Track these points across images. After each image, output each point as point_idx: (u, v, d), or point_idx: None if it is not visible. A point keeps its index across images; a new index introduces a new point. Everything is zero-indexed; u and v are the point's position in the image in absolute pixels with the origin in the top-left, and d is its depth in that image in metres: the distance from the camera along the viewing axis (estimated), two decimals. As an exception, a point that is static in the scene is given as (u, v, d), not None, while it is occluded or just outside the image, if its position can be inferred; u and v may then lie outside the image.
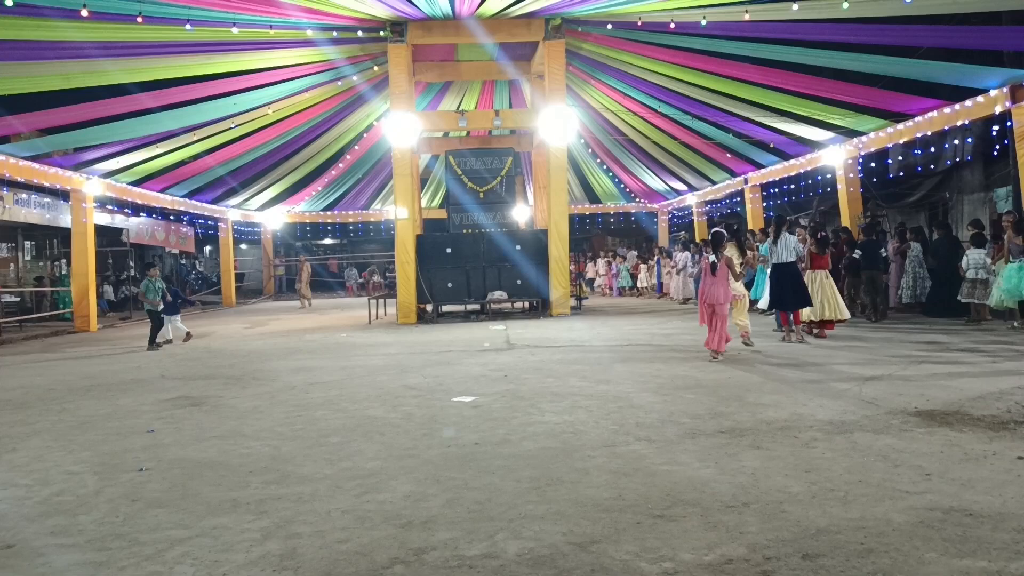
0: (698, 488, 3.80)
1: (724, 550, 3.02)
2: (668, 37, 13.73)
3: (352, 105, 18.82)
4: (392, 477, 4.22)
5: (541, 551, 3.08)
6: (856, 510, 3.41)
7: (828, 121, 15.67)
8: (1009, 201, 16.95)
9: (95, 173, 17.23)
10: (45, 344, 14.22)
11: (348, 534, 3.36)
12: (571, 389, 6.78)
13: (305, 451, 4.89)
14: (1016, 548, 2.93)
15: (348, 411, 6.18)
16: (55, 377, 9.03)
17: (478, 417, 5.73)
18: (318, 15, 13.07)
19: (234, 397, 7.06)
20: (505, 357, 9.27)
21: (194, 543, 3.32)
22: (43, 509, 3.89)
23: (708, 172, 22.59)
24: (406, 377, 7.90)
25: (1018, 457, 4.14)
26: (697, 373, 7.46)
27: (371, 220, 30.47)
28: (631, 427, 5.20)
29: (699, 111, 17.34)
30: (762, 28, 12.55)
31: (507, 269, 15.67)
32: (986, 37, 13.08)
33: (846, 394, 6.09)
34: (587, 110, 19.95)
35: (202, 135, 17.57)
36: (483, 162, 16.84)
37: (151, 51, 13.31)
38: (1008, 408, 5.36)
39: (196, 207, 23.56)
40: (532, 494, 3.81)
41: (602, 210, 30.14)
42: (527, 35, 15.00)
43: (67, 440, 5.47)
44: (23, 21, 10.91)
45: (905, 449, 4.38)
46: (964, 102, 12.80)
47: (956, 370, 7.12)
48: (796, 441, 4.66)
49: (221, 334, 14.54)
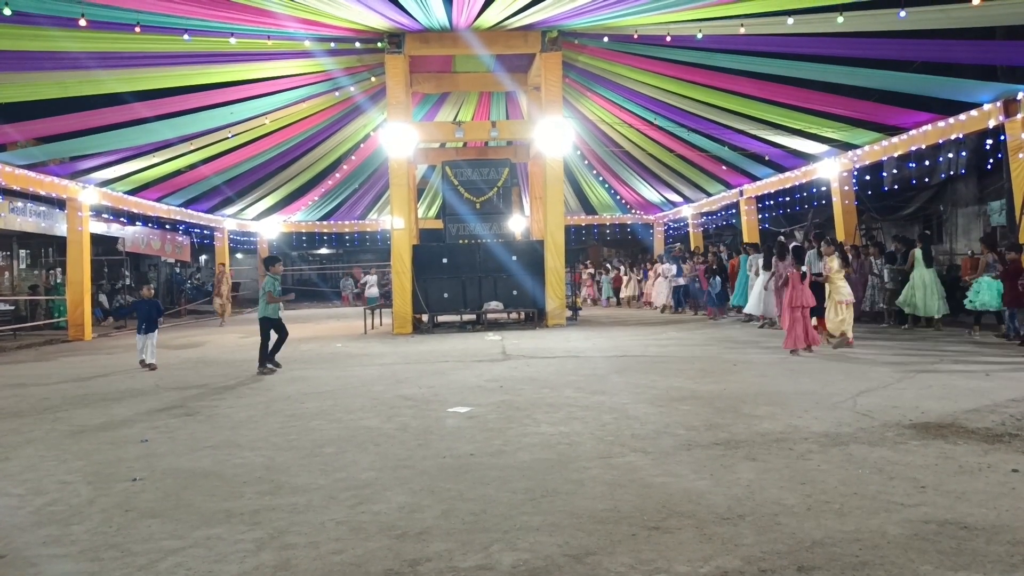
0: (693, 500, 3.80)
1: (719, 562, 3.01)
2: (664, 50, 13.82)
3: (349, 115, 18.88)
4: (387, 488, 4.21)
5: (536, 563, 3.08)
6: (851, 522, 3.41)
7: (823, 134, 15.76)
8: (1003, 214, 17.03)
9: (91, 182, 17.23)
10: (39, 353, 14.16)
11: (342, 545, 3.35)
12: (567, 400, 6.78)
13: (300, 461, 4.87)
14: (1011, 561, 2.94)
15: (343, 421, 6.16)
16: (49, 386, 8.99)
17: (473, 428, 5.72)
18: (316, 26, 13.13)
19: (229, 407, 7.04)
20: (500, 368, 9.27)
21: (187, 553, 3.30)
22: (36, 519, 3.87)
23: (703, 184, 22.68)
24: (401, 388, 7.88)
25: (1013, 470, 4.15)
26: (692, 384, 7.46)
27: (367, 230, 30.49)
28: (627, 438, 5.19)
29: (694, 124, 17.43)
30: (757, 42, 12.64)
31: (503, 280, 15.68)
32: (979, 52, 13.19)
33: (841, 406, 6.10)
34: (583, 122, 20.04)
35: (199, 144, 17.60)
36: (480, 173, 16.87)
37: (149, 61, 13.33)
38: (1002, 421, 5.37)
39: (192, 216, 23.54)
40: (527, 505, 3.80)
41: (598, 221, 30.23)
42: (524, 47, 15.08)
43: (60, 449, 5.44)
44: (20, 31, 10.92)
45: (900, 461, 4.39)
46: (958, 116, 12.89)
47: (950, 382, 7.14)
48: (791, 453, 4.66)
49: (216, 344, 14.51)
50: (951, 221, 20.85)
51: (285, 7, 11.71)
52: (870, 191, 20.02)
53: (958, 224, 20.50)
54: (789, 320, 9.88)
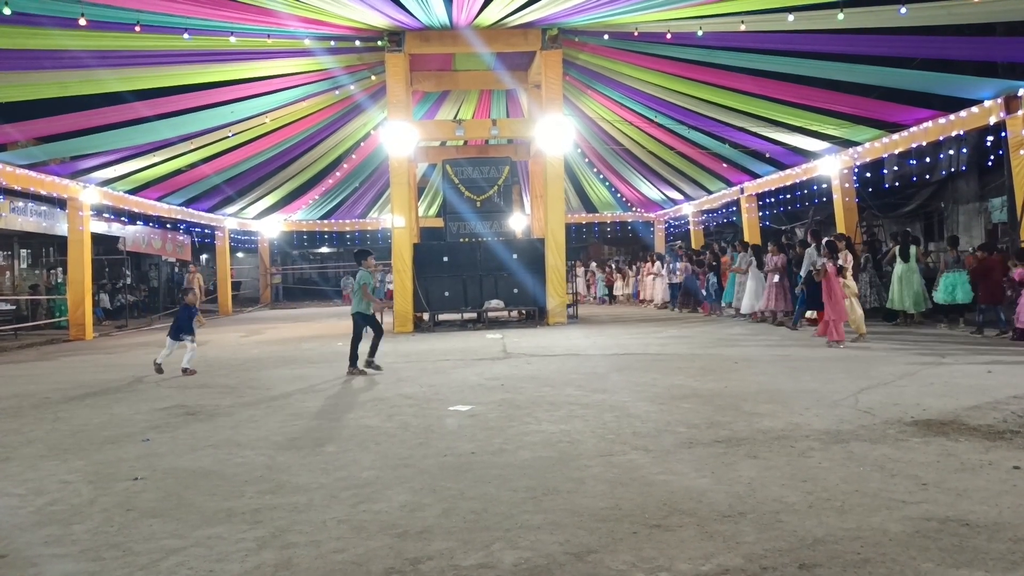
0: (695, 498, 3.80)
1: (721, 560, 3.01)
2: (665, 47, 13.80)
3: (350, 114, 18.86)
4: (388, 486, 4.21)
5: (537, 561, 3.07)
6: (852, 520, 3.40)
7: (823, 131, 15.74)
8: (1004, 211, 17.00)
9: (92, 181, 17.23)
10: (40, 352, 14.17)
11: (343, 544, 3.35)
12: (567, 398, 6.77)
13: (301, 460, 4.87)
14: (1012, 558, 2.93)
15: (344, 420, 6.16)
16: (50, 385, 8.99)
17: (474, 426, 5.72)
18: (316, 25, 13.11)
19: (230, 406, 7.04)
20: (501, 366, 9.26)
21: (189, 553, 3.30)
22: (37, 519, 3.87)
23: (704, 182, 22.66)
24: (402, 386, 7.88)
25: (1014, 467, 4.14)
26: (693, 382, 7.46)
27: (368, 229, 30.48)
28: (628, 436, 5.19)
29: (695, 121, 17.41)
30: (758, 39, 12.63)
31: (504, 278, 15.67)
32: (980, 48, 13.17)
33: (842, 403, 6.09)
34: (584, 120, 20.01)
35: (199, 144, 17.59)
36: (480, 171, 16.87)
37: (149, 60, 13.32)
38: (1004, 418, 5.37)
39: (193, 215, 23.55)
40: (528, 504, 3.80)
41: (598, 219, 30.23)
42: (524, 45, 15.06)
43: (61, 449, 5.45)
44: (20, 30, 10.92)
45: (901, 459, 4.38)
46: (958, 112, 12.87)
47: (952, 379, 7.13)
48: (792, 451, 4.65)
49: (217, 343, 14.51)
50: (952, 218, 20.82)
51: (285, 6, 11.70)
52: (871, 188, 19.99)
53: (959, 221, 20.47)
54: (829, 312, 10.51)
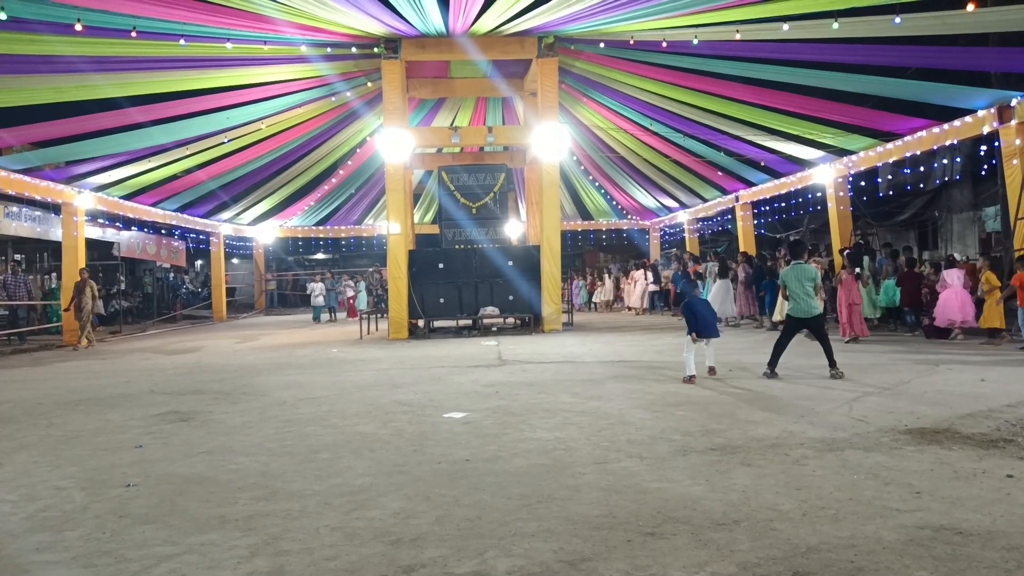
0: (689, 505, 3.80)
1: (715, 568, 3.01)
2: (660, 56, 13.86)
3: (345, 120, 18.89)
4: (382, 494, 4.19)
5: (531, 569, 3.07)
6: (846, 528, 3.41)
7: (818, 140, 15.82)
8: (997, 220, 17.09)
9: (87, 187, 17.20)
10: (34, 358, 14.11)
11: (337, 551, 3.33)
12: (562, 405, 6.77)
13: (294, 467, 4.86)
14: (1005, 567, 2.94)
15: (338, 427, 6.14)
16: (43, 391, 8.95)
17: (469, 433, 5.71)
18: (312, 32, 13.14)
19: (223, 412, 7.02)
20: (496, 373, 9.25)
21: (181, 560, 3.29)
22: (29, 525, 3.85)
23: (699, 190, 22.74)
24: (397, 393, 7.87)
25: (1008, 475, 4.15)
26: (688, 390, 7.46)
27: (363, 235, 30.47)
28: (622, 444, 5.19)
29: (690, 129, 17.47)
30: (753, 48, 12.70)
31: (499, 285, 15.67)
32: (974, 58, 13.25)
33: (836, 411, 6.10)
34: (579, 127, 20.07)
35: (195, 149, 17.58)
36: (476, 178, 16.88)
37: (145, 66, 13.34)
38: (997, 426, 5.38)
39: (188, 221, 23.52)
40: (523, 511, 3.80)
41: (594, 227, 30.27)
42: (520, 53, 15.11)
43: (54, 455, 5.42)
44: (16, 36, 10.92)
45: (895, 467, 4.39)
46: (952, 122, 12.96)
47: (945, 387, 7.15)
48: (787, 458, 4.66)
49: (211, 349, 14.47)
50: (946, 227, 20.91)
51: (282, 13, 11.72)
52: (865, 197, 20.10)
53: (953, 230, 20.56)
54: (847, 314, 11.78)
